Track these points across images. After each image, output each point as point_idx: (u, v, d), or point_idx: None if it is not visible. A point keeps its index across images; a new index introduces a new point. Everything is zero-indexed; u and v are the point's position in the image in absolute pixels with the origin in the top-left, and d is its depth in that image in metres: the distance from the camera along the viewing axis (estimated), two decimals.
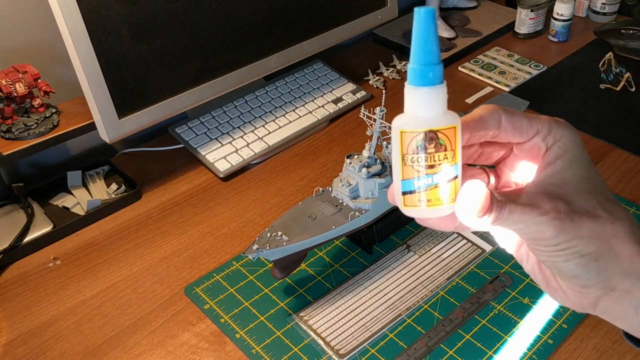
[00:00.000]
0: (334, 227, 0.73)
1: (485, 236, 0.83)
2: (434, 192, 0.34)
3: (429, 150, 0.33)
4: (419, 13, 0.32)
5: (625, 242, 0.35)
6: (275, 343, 0.71)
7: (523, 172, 0.38)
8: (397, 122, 0.34)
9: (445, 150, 0.33)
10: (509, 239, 0.40)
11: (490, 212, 0.33)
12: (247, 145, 1.00)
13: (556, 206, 0.33)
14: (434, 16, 0.33)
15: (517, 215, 0.33)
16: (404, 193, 0.34)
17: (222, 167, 0.96)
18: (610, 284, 0.35)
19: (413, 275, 0.78)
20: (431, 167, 0.33)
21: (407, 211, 0.35)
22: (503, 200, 0.33)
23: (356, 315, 0.73)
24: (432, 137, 0.33)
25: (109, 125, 0.86)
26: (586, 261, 0.34)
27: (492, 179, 0.40)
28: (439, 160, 0.33)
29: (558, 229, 0.33)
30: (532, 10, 1.27)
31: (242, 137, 1.02)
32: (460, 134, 0.33)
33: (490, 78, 1.18)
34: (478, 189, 0.33)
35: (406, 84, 0.33)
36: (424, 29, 0.32)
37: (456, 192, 0.34)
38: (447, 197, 0.34)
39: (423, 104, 0.33)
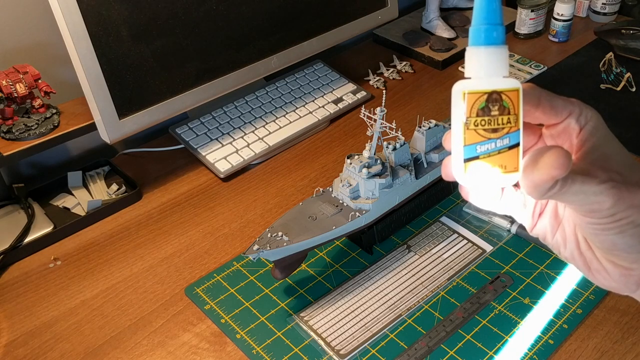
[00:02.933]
0: (334, 227, 0.73)
1: (486, 236, 0.83)
2: (498, 159, 0.33)
3: (492, 113, 0.32)
4: None
5: None
6: (275, 343, 0.71)
7: None
8: (458, 85, 0.33)
9: (509, 114, 0.32)
10: (544, 226, 0.40)
11: (554, 187, 0.32)
12: (248, 145, 1.00)
13: (611, 176, 0.33)
14: None
15: (578, 186, 0.32)
16: (466, 160, 0.33)
17: (223, 167, 0.96)
18: None
19: (413, 275, 0.78)
20: (495, 131, 0.32)
21: (468, 179, 0.34)
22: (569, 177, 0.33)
23: (357, 316, 0.73)
24: (496, 98, 0.32)
25: (109, 126, 0.86)
26: (632, 227, 0.34)
27: None
28: (503, 124, 0.32)
29: (616, 197, 0.33)
30: (532, 11, 1.27)
31: (242, 137, 1.02)
32: (522, 99, 0.32)
33: None
34: (557, 154, 0.31)
35: (467, 47, 0.33)
36: None
37: (519, 161, 0.33)
38: (510, 165, 0.33)
39: (485, 65, 0.32)
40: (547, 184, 0.32)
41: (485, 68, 0.32)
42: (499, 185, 0.35)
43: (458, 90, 0.33)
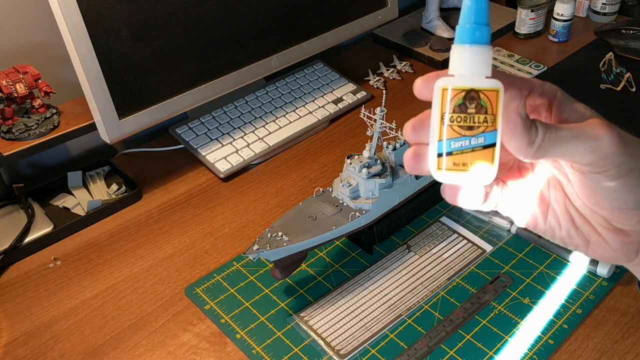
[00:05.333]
0: (334, 227, 0.73)
1: (486, 236, 0.83)
2: (471, 157, 0.33)
3: (469, 110, 0.32)
4: None
5: None
6: (275, 343, 0.71)
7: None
8: (439, 82, 0.33)
9: (486, 113, 0.32)
10: (533, 213, 0.40)
11: (537, 133, 0.33)
12: (248, 145, 1.00)
13: (602, 121, 0.34)
14: None
15: (567, 131, 0.33)
16: (439, 155, 0.33)
17: (223, 167, 0.96)
18: None
19: (413, 275, 0.78)
20: (470, 128, 0.33)
21: (439, 175, 0.34)
22: (551, 124, 0.34)
23: (357, 316, 0.73)
24: (473, 96, 0.32)
25: (109, 126, 0.86)
26: (638, 177, 0.34)
27: None
28: (479, 122, 0.33)
29: (615, 137, 0.33)
30: (532, 11, 1.27)
31: (242, 137, 1.02)
32: (502, 100, 0.33)
33: None
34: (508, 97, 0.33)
35: (452, 45, 0.33)
36: None
37: (493, 161, 0.33)
38: (483, 164, 0.33)
39: (467, 63, 0.33)
40: (524, 145, 0.32)
41: (467, 66, 0.33)
42: (469, 184, 0.35)
43: (438, 85, 0.33)
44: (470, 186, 0.36)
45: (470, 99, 0.32)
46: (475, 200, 0.37)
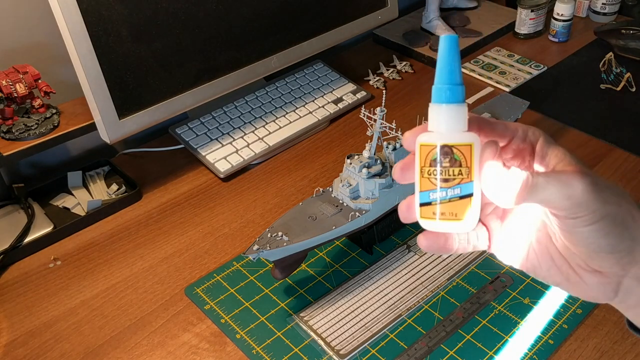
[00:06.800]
0: (334, 227, 0.73)
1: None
2: (448, 206, 0.36)
3: (443, 164, 0.35)
4: (444, 40, 0.36)
5: None
6: (275, 343, 0.71)
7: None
8: (420, 137, 0.36)
9: (460, 166, 0.35)
10: (515, 250, 0.41)
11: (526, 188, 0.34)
12: (248, 145, 1.00)
13: (578, 168, 0.35)
14: (457, 43, 0.36)
15: (552, 179, 0.34)
16: (421, 204, 0.36)
17: (223, 167, 0.96)
18: (635, 255, 0.37)
19: (413, 275, 0.78)
20: (446, 180, 0.35)
21: (422, 222, 0.37)
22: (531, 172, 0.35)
23: (357, 316, 0.73)
24: (447, 151, 0.35)
25: (109, 126, 0.86)
26: (612, 223, 0.35)
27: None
28: (454, 175, 0.35)
29: (589, 185, 0.34)
30: (532, 11, 1.27)
31: (242, 137, 1.02)
32: (477, 153, 0.35)
33: (490, 78, 1.18)
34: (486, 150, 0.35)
35: (430, 104, 0.36)
36: (447, 54, 0.36)
37: (470, 211, 0.36)
38: (460, 214, 0.36)
39: (442, 120, 0.36)
40: (509, 196, 0.35)
41: (444, 123, 0.36)
42: (448, 231, 0.37)
43: (418, 141, 0.36)
44: (447, 232, 0.38)
45: (444, 153, 0.35)
46: (454, 248, 0.40)
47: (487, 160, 0.35)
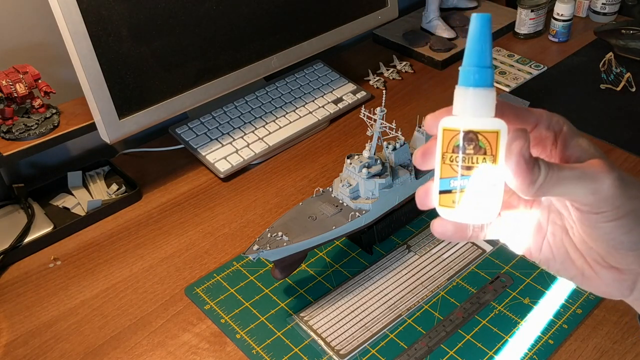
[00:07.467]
0: (334, 227, 0.73)
1: None
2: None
3: (467, 151, 0.33)
4: (475, 18, 0.33)
5: None
6: (275, 343, 0.71)
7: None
8: (443, 121, 0.34)
9: (485, 154, 0.33)
10: (529, 241, 0.40)
11: (539, 173, 0.33)
12: (248, 145, 1.00)
13: (604, 162, 0.34)
14: (490, 23, 0.33)
15: (579, 172, 0.33)
16: (440, 192, 0.34)
17: (223, 167, 0.96)
18: None
19: (413, 275, 0.78)
20: (468, 168, 0.33)
21: (440, 211, 0.35)
22: (554, 163, 0.34)
23: (357, 316, 0.73)
24: (471, 137, 0.33)
25: (109, 126, 0.86)
26: (636, 220, 0.34)
27: None
28: (477, 162, 0.33)
29: (616, 180, 0.33)
30: (532, 11, 1.27)
31: (242, 137, 1.02)
32: (503, 141, 0.33)
33: None
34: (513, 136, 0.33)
35: (456, 86, 0.34)
36: (478, 33, 0.33)
37: (493, 201, 0.33)
38: (482, 203, 0.34)
39: (468, 105, 0.33)
40: (530, 186, 0.33)
41: (470, 108, 0.33)
42: (467, 222, 0.35)
43: (440, 125, 0.34)
44: (470, 223, 0.37)
45: (468, 140, 0.33)
46: (468, 235, 0.38)
47: (516, 150, 0.32)
